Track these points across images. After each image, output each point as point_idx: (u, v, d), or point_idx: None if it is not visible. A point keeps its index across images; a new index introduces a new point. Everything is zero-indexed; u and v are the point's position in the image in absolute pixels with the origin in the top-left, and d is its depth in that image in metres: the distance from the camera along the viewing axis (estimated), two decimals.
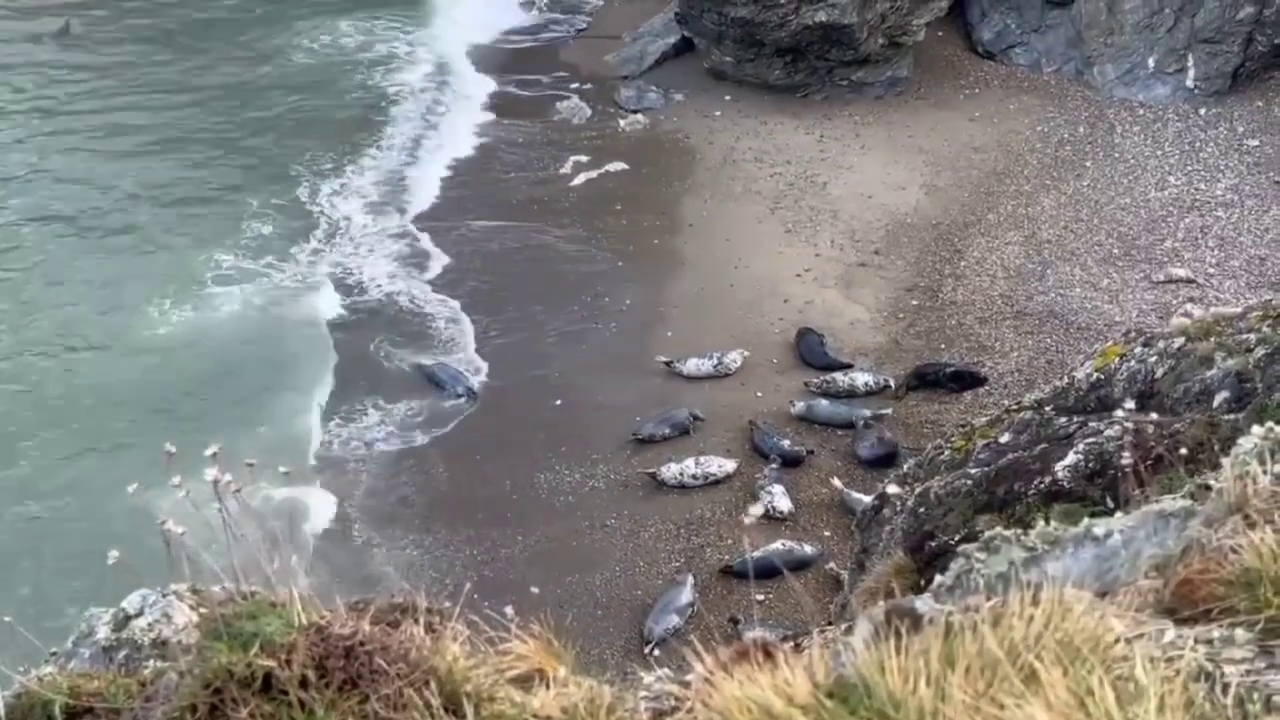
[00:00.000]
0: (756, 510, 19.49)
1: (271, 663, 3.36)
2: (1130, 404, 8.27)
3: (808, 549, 18.83)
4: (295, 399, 22.55)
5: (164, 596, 4.91)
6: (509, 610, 3.90)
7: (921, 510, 9.57)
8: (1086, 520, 4.14)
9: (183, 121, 30.50)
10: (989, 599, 3.45)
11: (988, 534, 4.21)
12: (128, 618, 4.88)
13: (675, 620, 17.83)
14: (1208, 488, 4.22)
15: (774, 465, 20.32)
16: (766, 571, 18.54)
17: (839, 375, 22.14)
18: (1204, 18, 29.12)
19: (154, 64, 32.75)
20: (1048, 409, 9.58)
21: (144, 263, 25.88)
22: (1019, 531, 4.19)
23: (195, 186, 28.23)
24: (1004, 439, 9.56)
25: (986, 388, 21.80)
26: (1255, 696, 3.11)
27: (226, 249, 26.12)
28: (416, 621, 3.66)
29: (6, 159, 29.06)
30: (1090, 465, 8.35)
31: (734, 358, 22.53)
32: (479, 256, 26.16)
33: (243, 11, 34.93)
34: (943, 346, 23.06)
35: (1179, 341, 9.06)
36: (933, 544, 9.03)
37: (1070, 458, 8.53)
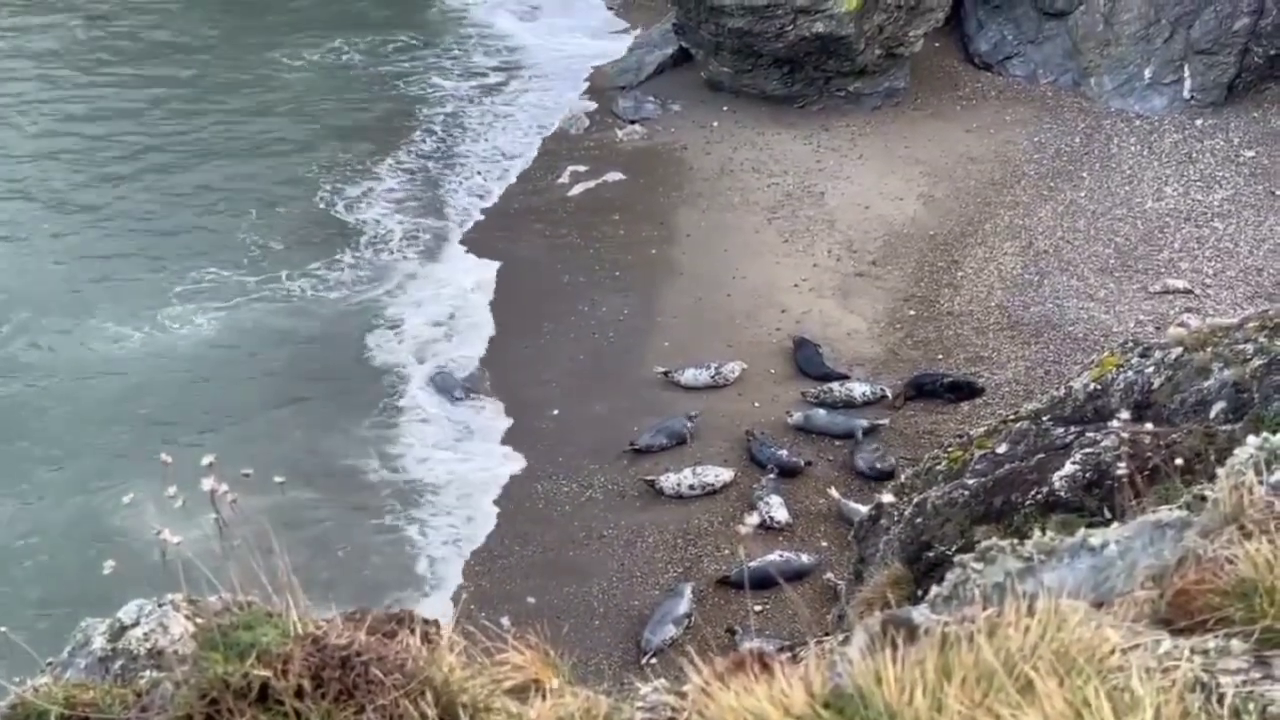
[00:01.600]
0: (752, 520, 19.45)
1: (267, 673, 3.36)
2: (1126, 414, 8.27)
3: (804, 559, 18.81)
4: (290, 407, 22.52)
5: (160, 606, 4.90)
6: (505, 620, 3.90)
7: (918, 521, 9.57)
8: (1083, 530, 4.14)
9: (180, 128, 30.49)
10: (985, 609, 3.45)
11: (984, 544, 4.21)
12: (123, 628, 4.88)
13: (672, 630, 17.80)
14: (1204, 498, 4.23)
15: (771, 475, 20.30)
16: (765, 582, 18.51)
17: (836, 385, 22.14)
18: (1200, 29, 29.20)
19: (152, 72, 32.74)
20: (1045, 419, 9.58)
21: (142, 272, 25.83)
22: (1015, 542, 4.19)
23: (191, 195, 28.20)
24: (1001, 449, 9.57)
25: (983, 398, 21.79)
26: (1251, 707, 3.11)
27: (223, 260, 26.10)
28: (413, 632, 3.66)
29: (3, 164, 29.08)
30: (1087, 476, 8.35)
31: (731, 368, 22.54)
32: (476, 265, 26.16)
33: (244, 28, 34.91)
34: (940, 357, 23.07)
35: (1176, 352, 9.07)
36: (930, 554, 9.04)
37: (1067, 468, 8.53)
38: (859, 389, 22.04)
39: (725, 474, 20.41)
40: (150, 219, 27.45)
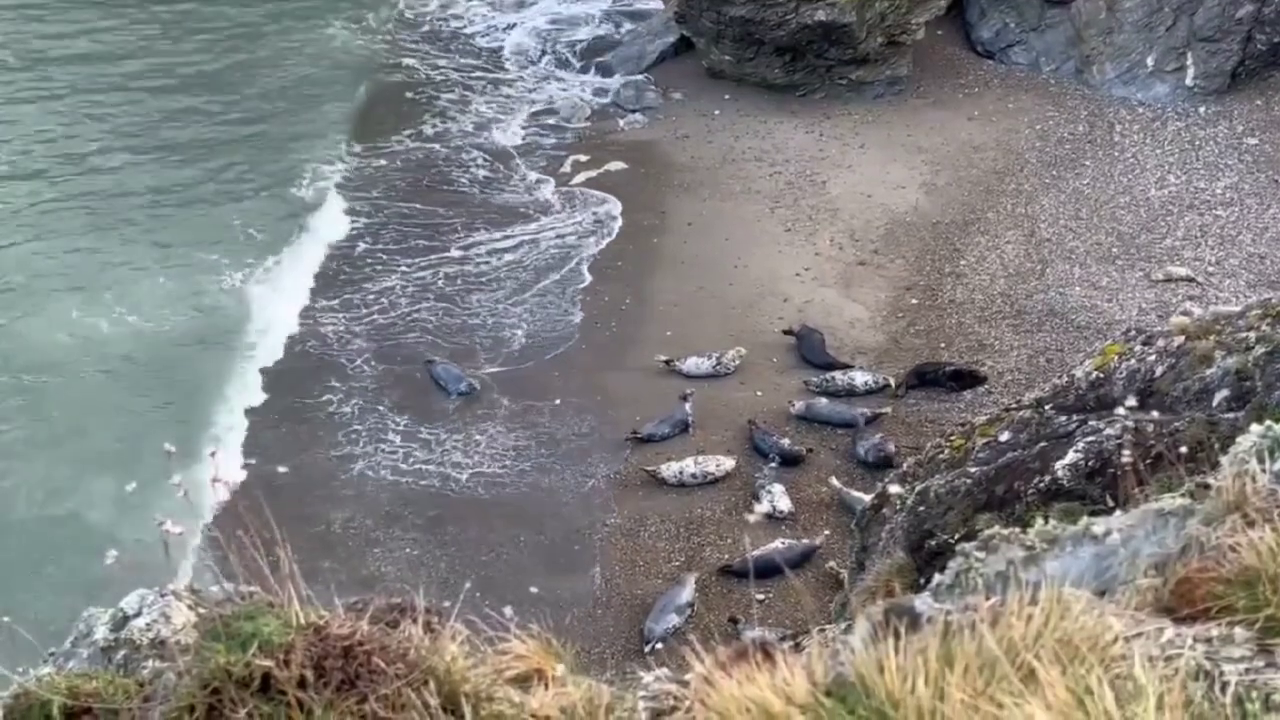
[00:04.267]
0: (762, 509, 19.47)
1: (269, 663, 3.36)
2: (1133, 400, 8.26)
3: (805, 543, 18.84)
4: (289, 398, 22.53)
5: (162, 597, 4.90)
6: (508, 610, 3.90)
7: (921, 509, 9.57)
8: (1085, 519, 4.14)
9: (175, 115, 30.44)
10: (988, 598, 3.45)
11: (987, 533, 4.21)
12: (126, 618, 4.88)
13: (675, 619, 17.82)
14: (1207, 486, 4.22)
15: (773, 465, 20.31)
16: (767, 571, 18.52)
17: (838, 374, 22.13)
18: (1203, 16, 29.12)
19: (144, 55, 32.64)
20: (1047, 408, 9.57)
21: (137, 260, 25.82)
22: (1018, 530, 4.19)
23: (182, 182, 28.14)
24: (1003, 438, 9.56)
25: (986, 387, 21.78)
26: (1254, 695, 3.11)
27: (218, 246, 26.08)
28: (415, 621, 3.66)
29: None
30: (1090, 464, 8.35)
31: (733, 357, 22.53)
32: (480, 258, 26.15)
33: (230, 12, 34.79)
34: (942, 345, 23.05)
35: (1178, 340, 9.06)
36: (932, 543, 9.04)
37: (1070, 456, 8.53)
38: (861, 378, 22.04)
39: (727, 463, 20.42)
40: (142, 206, 27.41)
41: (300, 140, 29.56)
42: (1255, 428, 4.27)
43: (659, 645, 17.42)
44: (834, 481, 20.03)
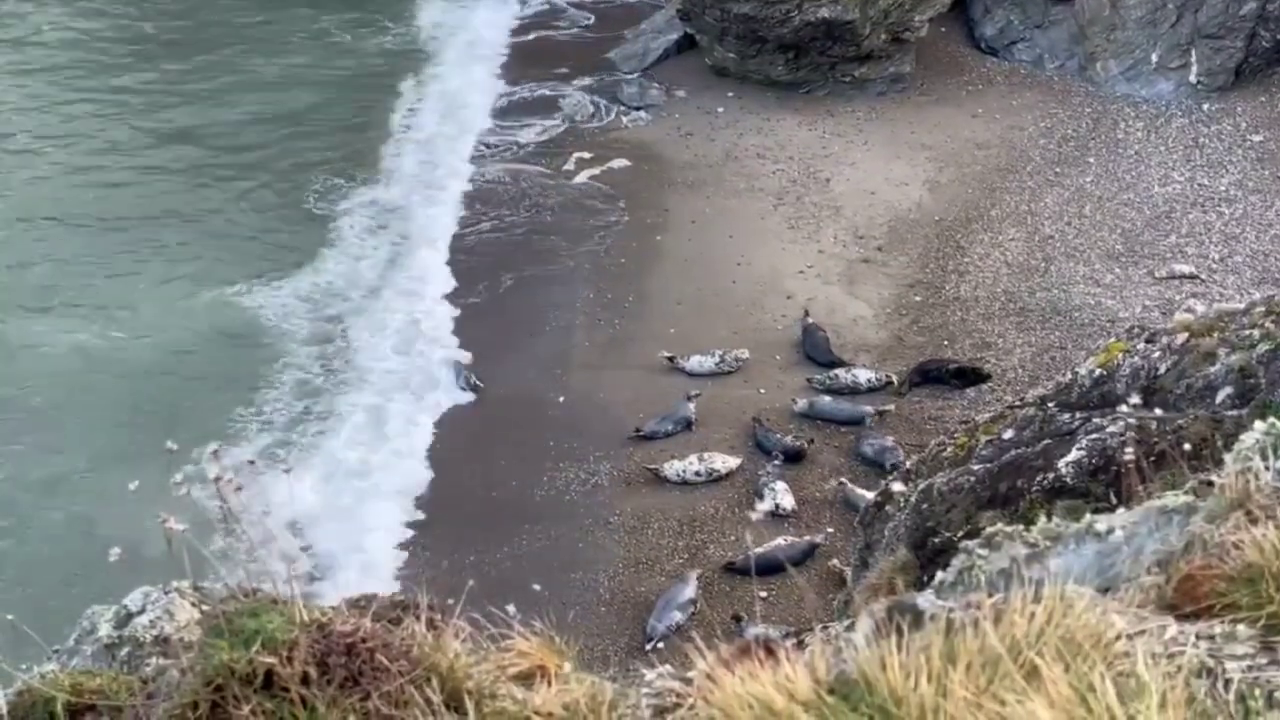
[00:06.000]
0: (766, 506, 19.47)
1: (273, 660, 3.37)
2: (1136, 399, 8.25)
3: (807, 539, 18.85)
4: (293, 397, 22.54)
5: (166, 594, 4.91)
6: (511, 608, 3.90)
7: (924, 507, 9.57)
8: (1089, 516, 4.14)
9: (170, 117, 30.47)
10: (991, 595, 3.45)
11: (990, 530, 4.22)
12: (129, 615, 4.89)
13: (678, 616, 17.83)
14: (1210, 484, 4.22)
15: (776, 462, 20.31)
16: (770, 568, 18.51)
17: (841, 371, 22.13)
18: (1207, 13, 29.08)
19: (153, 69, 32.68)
20: (1050, 405, 9.57)
21: (142, 259, 25.83)
22: (1021, 528, 4.19)
23: (190, 195, 28.15)
24: (1007, 435, 9.56)
25: (989, 384, 21.77)
26: (1257, 693, 3.11)
27: (228, 256, 26.07)
28: (418, 619, 3.67)
29: (11, 157, 29.01)
30: (1093, 461, 8.34)
31: (737, 354, 22.53)
32: (482, 255, 26.13)
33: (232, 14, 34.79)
34: (945, 343, 23.04)
35: (1182, 337, 9.06)
36: (935, 540, 9.04)
37: (1073, 454, 8.52)
38: (864, 375, 22.03)
39: (732, 461, 20.43)
40: (152, 210, 27.42)
41: (313, 148, 29.50)
42: (1259, 425, 4.27)
43: (661, 643, 17.43)
44: (837, 479, 20.03)
